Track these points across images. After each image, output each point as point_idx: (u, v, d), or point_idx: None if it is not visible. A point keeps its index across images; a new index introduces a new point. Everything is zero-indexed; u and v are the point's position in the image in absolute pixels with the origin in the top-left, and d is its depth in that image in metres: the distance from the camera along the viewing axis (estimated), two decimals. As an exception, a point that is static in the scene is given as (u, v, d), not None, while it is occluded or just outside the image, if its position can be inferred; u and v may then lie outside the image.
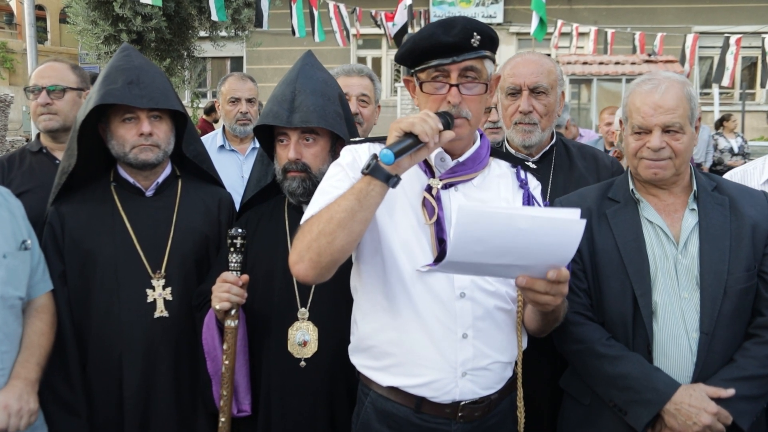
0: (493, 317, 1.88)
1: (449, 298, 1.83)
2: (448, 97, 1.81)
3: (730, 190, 2.21)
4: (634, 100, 2.14)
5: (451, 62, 1.78)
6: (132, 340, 2.34)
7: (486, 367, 1.87)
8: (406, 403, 1.88)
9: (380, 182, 1.66)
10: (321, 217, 1.69)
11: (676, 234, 2.14)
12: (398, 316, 1.85)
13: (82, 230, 2.40)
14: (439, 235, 1.84)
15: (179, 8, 10.28)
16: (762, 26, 16.23)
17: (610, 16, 18.15)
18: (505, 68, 2.69)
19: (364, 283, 1.93)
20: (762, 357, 2.04)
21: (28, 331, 2.25)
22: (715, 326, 2.04)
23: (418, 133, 1.65)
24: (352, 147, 1.96)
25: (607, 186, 2.31)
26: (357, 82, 3.12)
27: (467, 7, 19.03)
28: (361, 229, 1.69)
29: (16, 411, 2.09)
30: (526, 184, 2.00)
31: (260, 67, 18.74)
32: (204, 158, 2.60)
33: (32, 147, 2.98)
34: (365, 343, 1.94)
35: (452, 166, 1.91)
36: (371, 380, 1.94)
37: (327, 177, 1.92)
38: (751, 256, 2.09)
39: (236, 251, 2.17)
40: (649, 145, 2.09)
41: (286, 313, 2.25)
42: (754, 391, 2.03)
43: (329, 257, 1.68)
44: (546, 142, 2.71)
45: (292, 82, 2.29)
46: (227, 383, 2.18)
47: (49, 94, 2.87)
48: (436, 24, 1.80)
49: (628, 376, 2.05)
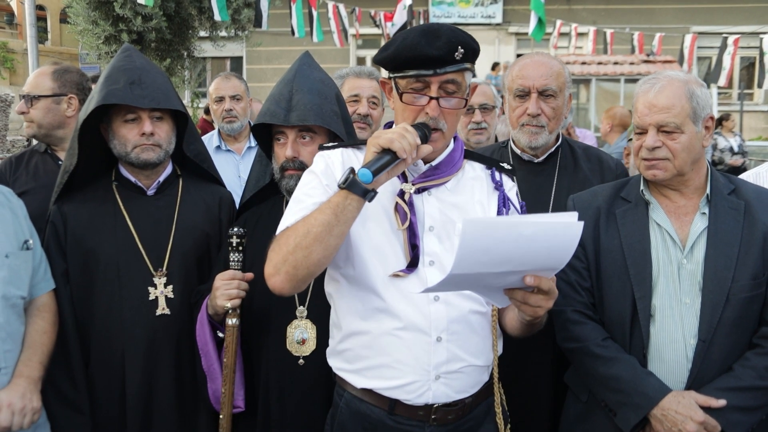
0: (467, 320, 1.86)
1: (423, 302, 1.82)
2: (426, 109, 1.80)
3: (749, 194, 2.14)
4: (636, 101, 2.14)
5: (432, 74, 1.77)
6: (134, 337, 2.36)
7: (460, 370, 1.86)
8: (380, 404, 1.88)
9: (357, 197, 1.66)
10: (297, 231, 1.69)
11: (683, 238, 2.11)
12: (372, 320, 1.85)
13: (84, 229, 2.42)
14: (411, 241, 1.83)
15: (179, 8, 10.30)
16: (760, 26, 16.24)
17: (608, 17, 18.15)
18: (513, 69, 2.67)
19: (338, 288, 1.93)
20: (761, 368, 2.00)
21: (30, 330, 2.26)
22: (714, 334, 2.02)
23: (396, 150, 1.65)
24: (324, 153, 1.95)
25: (622, 185, 2.29)
26: (367, 84, 3.15)
27: (466, 7, 19.03)
28: (337, 243, 1.70)
29: (19, 409, 2.11)
30: (501, 186, 1.98)
31: (260, 67, 18.75)
32: (205, 157, 2.62)
33: (39, 147, 3.04)
34: (340, 347, 1.95)
35: (425, 170, 1.90)
36: (346, 382, 1.94)
37: (300, 185, 1.92)
38: (759, 264, 2.04)
39: (234, 250, 2.20)
40: (644, 144, 2.08)
41: (284, 311, 2.27)
42: (749, 402, 2.00)
43: (305, 270, 1.70)
44: (552, 143, 2.70)
45: (290, 82, 2.31)
46: (227, 381, 2.20)
47: (26, 102, 2.93)
48: (420, 33, 1.77)
49: (620, 379, 2.05)
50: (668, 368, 2.06)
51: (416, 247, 1.83)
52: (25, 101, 2.93)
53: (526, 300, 1.61)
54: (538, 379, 2.55)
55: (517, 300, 1.62)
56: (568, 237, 1.50)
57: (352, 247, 1.84)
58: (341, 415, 1.95)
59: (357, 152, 1.96)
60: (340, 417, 1.95)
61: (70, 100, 2.98)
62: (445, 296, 1.84)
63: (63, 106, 2.96)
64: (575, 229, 1.49)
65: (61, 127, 2.96)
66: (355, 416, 1.91)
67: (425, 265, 1.84)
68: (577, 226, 1.49)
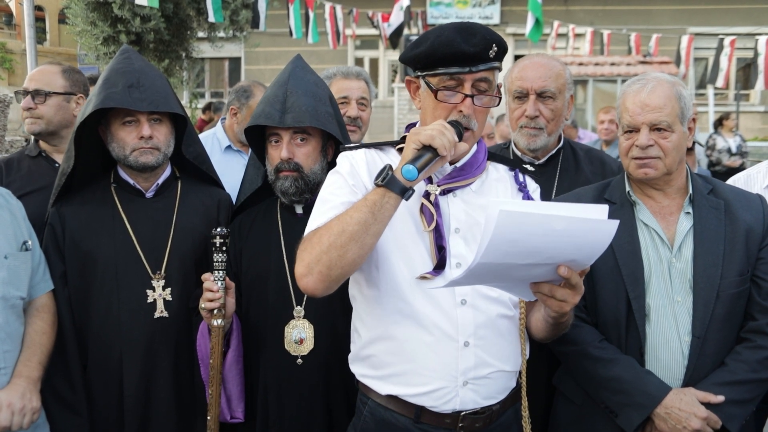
0: (495, 325, 1.83)
1: (450, 306, 1.79)
2: (460, 107, 1.78)
3: (726, 193, 2.20)
4: (625, 101, 2.15)
5: (467, 71, 1.75)
6: (132, 340, 2.36)
7: (488, 376, 1.82)
8: (406, 412, 1.83)
9: (395, 195, 1.63)
10: (331, 229, 1.64)
11: (670, 237, 2.14)
12: (397, 325, 1.80)
13: (82, 231, 2.41)
14: (438, 242, 1.80)
15: (177, 9, 10.30)
16: (756, 27, 16.27)
17: (606, 18, 18.17)
18: (513, 71, 2.65)
19: (362, 291, 1.89)
20: (753, 361, 2.05)
21: (29, 330, 2.26)
22: (707, 330, 2.05)
23: (437, 147, 1.63)
24: (348, 153, 1.92)
25: (604, 186, 2.30)
26: (356, 85, 3.09)
27: (464, 8, 19.05)
28: (373, 242, 1.65)
29: (19, 409, 2.11)
30: (525, 187, 1.97)
31: (258, 68, 18.74)
32: (203, 160, 2.62)
33: (31, 152, 2.97)
34: (364, 352, 1.90)
35: (450, 171, 1.87)
36: (370, 389, 1.89)
37: (326, 185, 1.89)
38: (744, 261, 2.09)
39: (218, 250, 2.17)
40: (637, 143, 2.09)
41: (281, 311, 2.28)
42: (744, 395, 2.05)
43: (339, 270, 1.65)
44: (553, 145, 2.68)
45: (284, 84, 2.32)
46: (214, 382, 2.20)
47: (33, 98, 2.88)
48: (455, 30, 1.75)
49: (621, 379, 2.05)
50: (665, 366, 2.08)
51: (443, 249, 1.79)
52: (32, 97, 2.88)
53: (553, 293, 1.57)
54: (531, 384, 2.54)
55: (543, 294, 1.58)
56: (602, 235, 1.47)
57: (377, 248, 1.78)
58: (364, 423, 1.90)
59: (380, 153, 1.94)
60: (363, 426, 1.91)
61: (78, 99, 2.97)
62: (472, 300, 1.80)
63: (72, 105, 2.95)
64: (609, 228, 1.46)
65: (68, 127, 2.92)
66: (380, 424, 1.87)
67: (452, 267, 1.80)
68: (612, 225, 1.46)
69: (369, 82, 3.21)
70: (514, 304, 1.87)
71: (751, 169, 2.83)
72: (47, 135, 2.93)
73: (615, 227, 1.46)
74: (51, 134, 2.93)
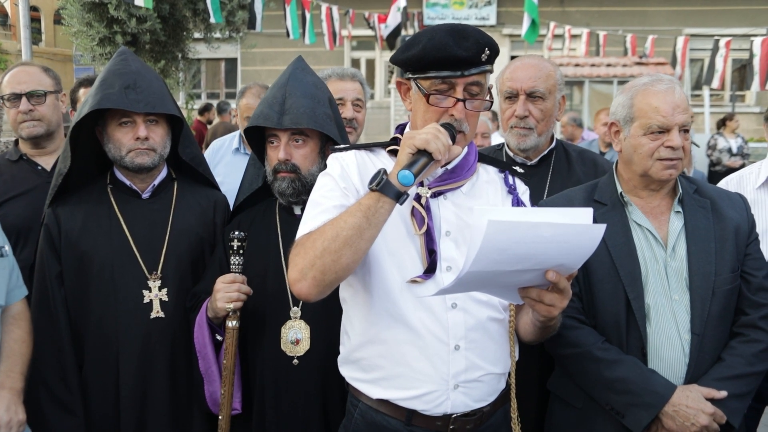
0: (485, 328, 1.83)
1: (440, 309, 1.79)
2: (452, 111, 1.77)
3: (710, 192, 2.23)
4: (650, 101, 2.10)
5: (459, 75, 1.74)
6: (128, 340, 2.36)
7: (478, 378, 1.83)
8: (397, 415, 1.83)
9: (390, 200, 1.62)
10: (325, 234, 1.63)
11: (663, 237, 2.15)
12: (388, 328, 1.80)
13: (78, 232, 2.42)
14: (428, 246, 1.79)
15: (174, 10, 10.31)
16: (751, 29, 16.33)
17: (602, 19, 18.22)
18: (505, 71, 2.68)
19: (353, 294, 1.89)
20: (748, 355, 2.09)
21: (7, 339, 2.21)
22: (705, 327, 2.07)
23: (432, 151, 1.62)
24: (338, 155, 1.91)
25: (592, 188, 2.30)
26: (351, 86, 3.09)
27: (460, 9, 19.08)
28: (367, 246, 1.65)
29: (6, 423, 2.07)
30: (514, 190, 1.97)
31: (254, 69, 18.74)
32: (200, 161, 2.62)
33: (11, 156, 2.91)
34: (354, 356, 1.90)
35: (441, 174, 1.87)
36: (361, 392, 1.89)
37: (317, 188, 1.88)
38: (734, 258, 2.13)
39: (235, 253, 2.21)
40: (671, 144, 2.07)
41: (278, 312, 2.29)
42: (743, 389, 2.08)
43: (333, 275, 1.64)
44: (545, 145, 2.70)
45: (283, 86, 2.32)
46: (227, 382, 2.22)
47: (29, 100, 2.82)
48: (446, 32, 1.74)
49: (626, 380, 2.06)
50: (667, 365, 2.09)
51: (434, 253, 1.79)
52: (28, 98, 2.82)
53: (541, 298, 1.58)
54: (522, 388, 2.54)
55: (531, 299, 1.59)
56: (589, 239, 1.48)
57: (368, 252, 1.76)
58: (356, 426, 1.91)
59: (370, 154, 1.93)
60: (355, 427, 1.91)
61: (63, 97, 2.96)
62: (463, 303, 1.80)
63: (60, 103, 2.93)
64: (597, 232, 1.48)
65: (59, 126, 2.91)
66: (371, 427, 1.87)
67: (442, 270, 1.80)
68: (599, 229, 1.47)
69: (364, 83, 3.22)
70: (504, 307, 1.87)
71: (744, 170, 2.86)
72: (44, 137, 2.89)
73: (602, 231, 1.47)
74: (49, 135, 2.90)
